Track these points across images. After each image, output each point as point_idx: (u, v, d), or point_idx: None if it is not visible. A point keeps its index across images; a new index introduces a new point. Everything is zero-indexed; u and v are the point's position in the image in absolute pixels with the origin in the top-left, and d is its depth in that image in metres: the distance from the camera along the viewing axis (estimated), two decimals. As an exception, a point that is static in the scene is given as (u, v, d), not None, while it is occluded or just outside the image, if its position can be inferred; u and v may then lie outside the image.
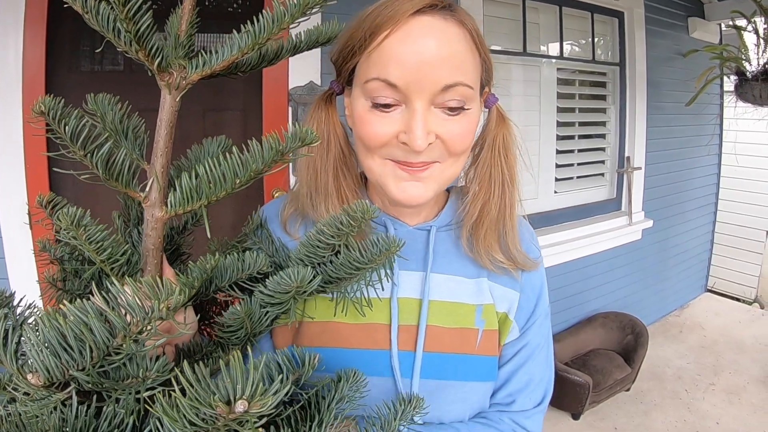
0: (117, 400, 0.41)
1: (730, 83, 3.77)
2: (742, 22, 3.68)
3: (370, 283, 0.66)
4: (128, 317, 0.36)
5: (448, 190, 0.98)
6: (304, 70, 2.45)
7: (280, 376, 0.35)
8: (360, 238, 0.66)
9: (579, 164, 3.80)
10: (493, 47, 3.14)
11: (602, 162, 3.94)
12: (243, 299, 0.59)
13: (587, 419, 3.18)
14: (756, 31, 3.50)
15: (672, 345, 4.13)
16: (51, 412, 0.40)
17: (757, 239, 5.02)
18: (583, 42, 3.72)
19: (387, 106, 0.76)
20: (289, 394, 0.47)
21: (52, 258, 0.60)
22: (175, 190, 0.50)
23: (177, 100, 0.50)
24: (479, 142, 0.90)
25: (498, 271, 0.91)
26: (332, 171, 0.86)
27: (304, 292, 0.57)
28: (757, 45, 3.49)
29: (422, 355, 0.85)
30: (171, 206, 0.51)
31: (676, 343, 4.15)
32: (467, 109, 0.78)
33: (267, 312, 0.58)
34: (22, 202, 2.14)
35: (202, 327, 0.70)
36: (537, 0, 3.32)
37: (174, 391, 0.33)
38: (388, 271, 0.64)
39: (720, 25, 4.55)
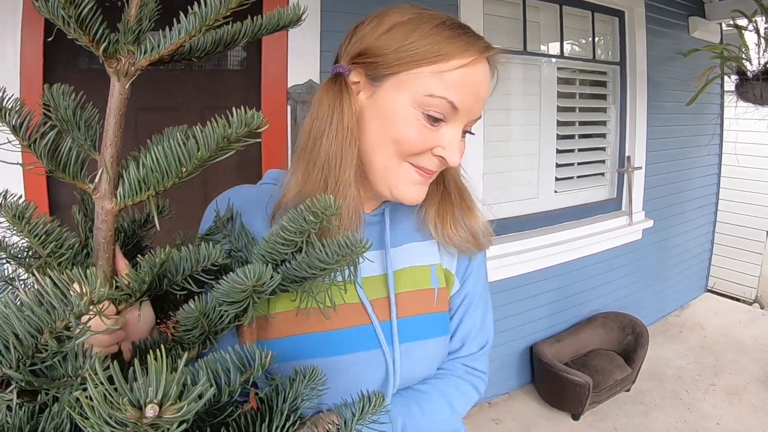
0: (56, 399, 0.39)
1: (730, 83, 3.75)
2: (742, 22, 3.66)
3: (334, 284, 0.64)
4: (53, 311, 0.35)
5: None
6: (303, 68, 2.44)
7: (204, 379, 0.33)
8: (326, 236, 0.65)
9: (579, 164, 3.79)
10: (493, 46, 3.12)
11: (602, 161, 3.93)
12: (198, 296, 0.58)
13: (587, 419, 3.17)
14: (757, 31, 3.48)
15: (672, 345, 4.11)
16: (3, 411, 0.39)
17: (757, 239, 5.00)
18: (584, 41, 3.71)
19: (437, 120, 0.84)
20: (236, 394, 0.46)
21: (8, 255, 0.59)
22: (124, 181, 0.49)
23: (126, 87, 0.48)
24: None
25: (460, 248, 1.02)
26: (354, 163, 0.87)
27: (263, 291, 0.55)
28: (758, 44, 3.47)
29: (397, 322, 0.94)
30: (120, 198, 0.49)
31: (677, 344, 4.14)
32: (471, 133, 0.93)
33: (224, 311, 0.56)
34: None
35: (165, 323, 0.69)
36: (537, -1, 3.31)
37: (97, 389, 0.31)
38: (352, 270, 0.62)
39: (721, 24, 4.54)
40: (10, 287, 0.58)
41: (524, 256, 3.22)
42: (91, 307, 0.34)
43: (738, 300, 5.02)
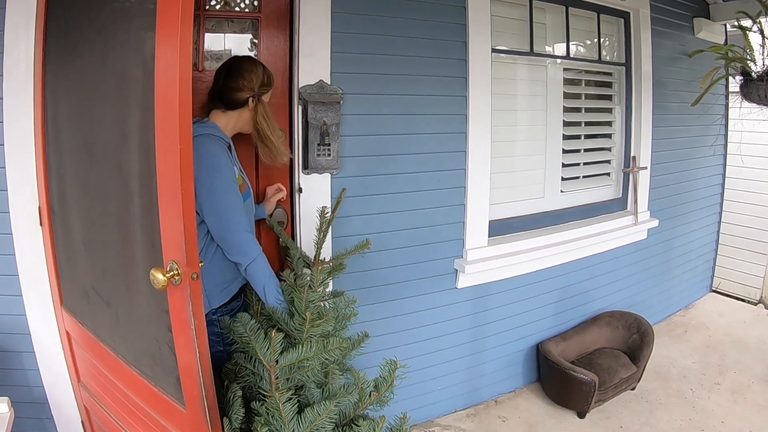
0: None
1: (735, 83, 3.77)
2: (747, 23, 3.67)
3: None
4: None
5: None
6: (314, 68, 2.47)
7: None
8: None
9: (585, 164, 3.81)
10: (500, 47, 3.15)
11: (608, 161, 3.95)
12: None
13: (593, 417, 3.19)
14: (761, 32, 3.49)
15: (677, 344, 4.13)
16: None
17: (761, 240, 4.98)
18: (589, 42, 3.73)
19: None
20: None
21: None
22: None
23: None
24: None
25: None
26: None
27: None
28: (762, 45, 3.48)
29: None
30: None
31: (681, 343, 4.16)
32: None
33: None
34: (32, 200, 2.16)
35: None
36: (544, 0, 3.33)
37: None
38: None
39: (725, 25, 4.55)
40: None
41: (530, 255, 3.24)
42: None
43: (742, 300, 5.03)
